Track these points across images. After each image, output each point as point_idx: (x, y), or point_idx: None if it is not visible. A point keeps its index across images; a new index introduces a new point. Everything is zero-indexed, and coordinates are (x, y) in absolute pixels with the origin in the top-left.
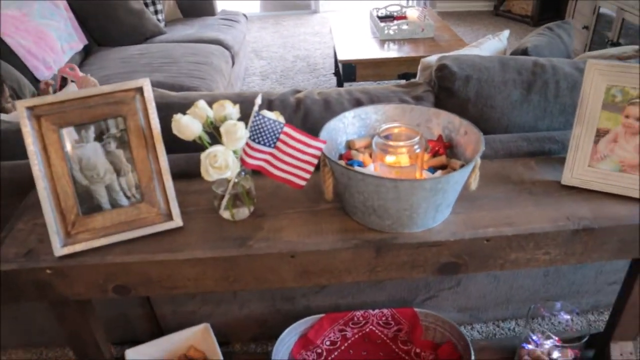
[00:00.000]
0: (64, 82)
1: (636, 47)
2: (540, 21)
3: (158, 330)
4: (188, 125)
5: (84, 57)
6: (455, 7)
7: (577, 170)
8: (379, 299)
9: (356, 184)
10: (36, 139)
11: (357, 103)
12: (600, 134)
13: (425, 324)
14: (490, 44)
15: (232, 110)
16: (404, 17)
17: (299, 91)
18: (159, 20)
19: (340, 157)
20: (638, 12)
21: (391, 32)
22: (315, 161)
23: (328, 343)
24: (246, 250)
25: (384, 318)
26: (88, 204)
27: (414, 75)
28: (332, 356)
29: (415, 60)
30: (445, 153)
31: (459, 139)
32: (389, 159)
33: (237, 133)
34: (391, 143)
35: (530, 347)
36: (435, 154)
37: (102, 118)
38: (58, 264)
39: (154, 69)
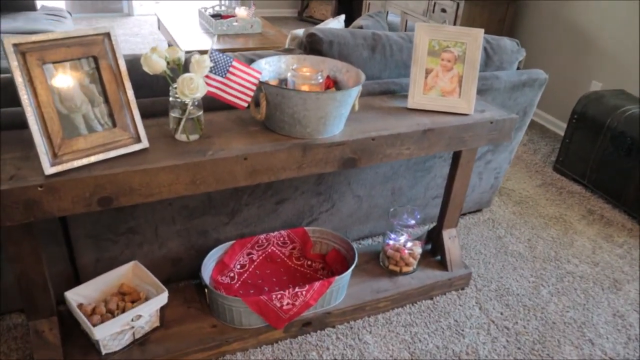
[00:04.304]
0: None
1: None
2: None
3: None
4: (157, 61)
5: None
6: (264, 13)
7: (416, 97)
8: (274, 224)
9: (288, 100)
10: (23, 72)
11: (251, 61)
12: (428, 72)
13: (313, 239)
14: (334, 24)
15: (182, 53)
16: (232, 16)
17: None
18: None
19: None
20: (418, 15)
21: (224, 27)
22: (255, 87)
23: (238, 267)
24: (210, 156)
25: (281, 239)
26: (69, 129)
27: None
28: (243, 278)
29: (250, 51)
30: (333, 87)
31: (342, 77)
32: (302, 88)
33: (204, 62)
34: (306, 74)
35: (391, 242)
36: (327, 88)
37: (77, 57)
38: (48, 181)
39: None
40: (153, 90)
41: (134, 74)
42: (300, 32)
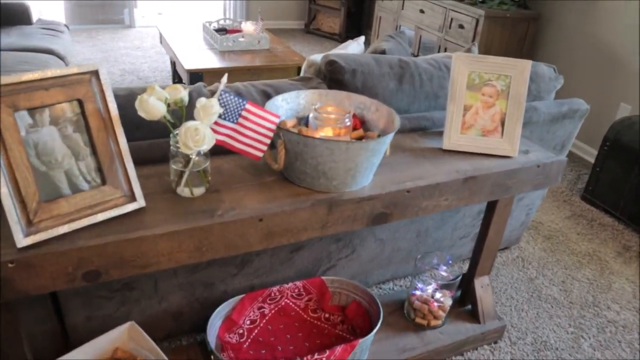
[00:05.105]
0: None
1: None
2: (347, 38)
3: (66, 347)
4: (155, 105)
5: None
6: (269, 25)
7: (453, 137)
8: (289, 274)
9: (312, 150)
10: None
11: (265, 94)
12: (466, 109)
13: (332, 289)
14: (353, 47)
15: (185, 93)
16: (238, 31)
17: (206, 85)
18: None
19: None
20: (433, 31)
21: (230, 43)
22: (272, 134)
23: (248, 322)
24: (218, 219)
25: (296, 290)
26: (48, 190)
27: None
28: (253, 335)
29: (257, 69)
30: (360, 127)
31: (370, 116)
32: (325, 131)
33: (212, 108)
34: (332, 115)
35: (418, 292)
36: (353, 129)
37: (58, 101)
38: (21, 255)
39: None
40: (152, 130)
41: (130, 112)
42: (317, 57)
